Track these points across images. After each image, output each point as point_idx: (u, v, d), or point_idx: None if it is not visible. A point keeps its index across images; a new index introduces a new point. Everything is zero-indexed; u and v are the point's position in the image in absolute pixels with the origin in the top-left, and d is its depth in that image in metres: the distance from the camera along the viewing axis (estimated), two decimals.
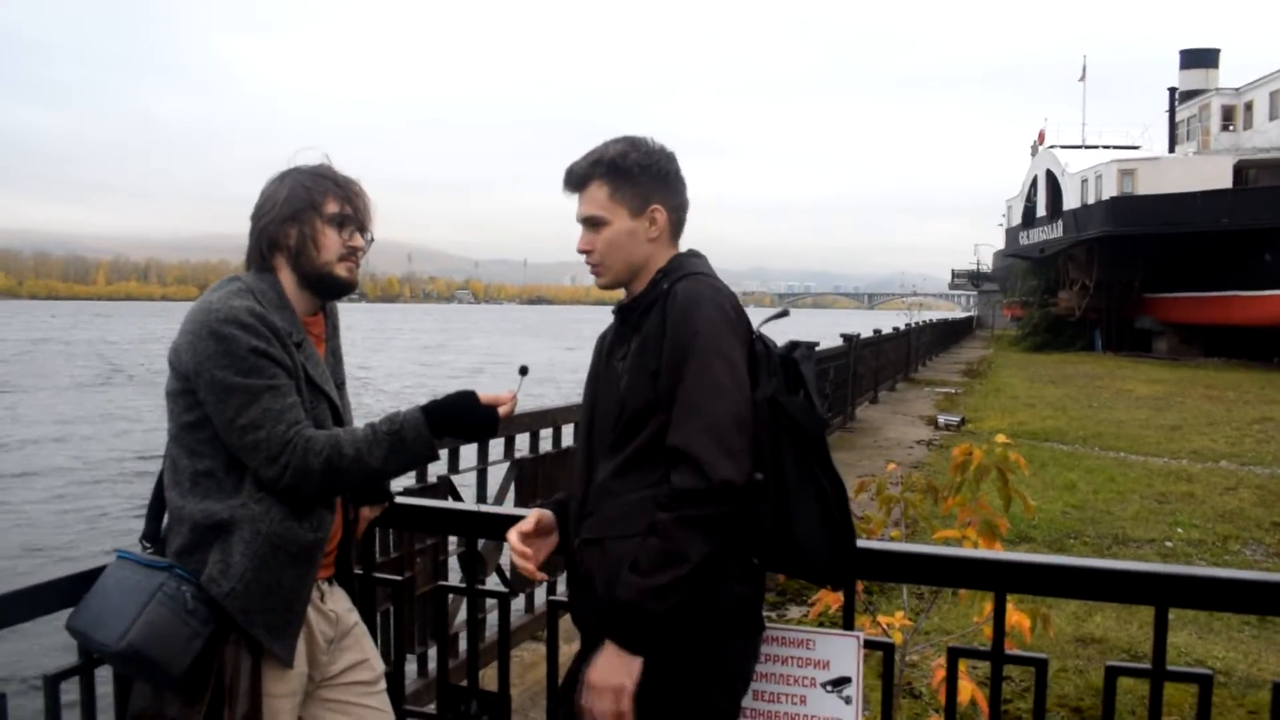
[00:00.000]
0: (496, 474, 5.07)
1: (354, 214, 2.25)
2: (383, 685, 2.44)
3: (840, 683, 2.20)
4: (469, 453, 4.72)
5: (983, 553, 2.41)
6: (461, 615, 4.11)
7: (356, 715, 2.35)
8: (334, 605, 2.33)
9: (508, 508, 4.15)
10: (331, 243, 2.21)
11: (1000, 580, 2.12)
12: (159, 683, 2.03)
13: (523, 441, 5.25)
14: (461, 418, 2.23)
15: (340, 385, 2.37)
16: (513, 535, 2.17)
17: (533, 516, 2.23)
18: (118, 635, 1.98)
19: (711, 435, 1.88)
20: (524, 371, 2.38)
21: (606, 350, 2.18)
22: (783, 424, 1.99)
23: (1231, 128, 38.44)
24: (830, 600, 3.02)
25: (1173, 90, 43.68)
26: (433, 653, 4.35)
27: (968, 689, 2.68)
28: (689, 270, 2.08)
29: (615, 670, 1.92)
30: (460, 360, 42.44)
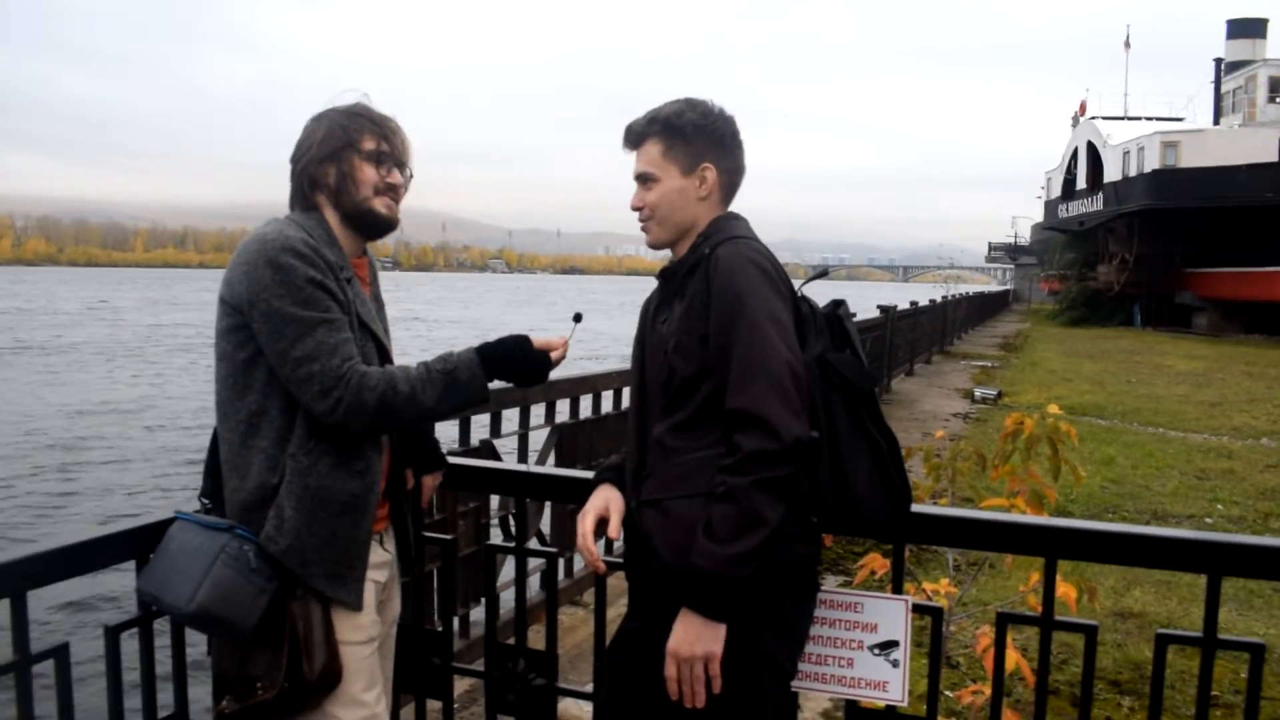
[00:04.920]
0: (537, 439, 5.11)
1: (391, 150, 2.23)
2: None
3: (888, 646, 2.21)
4: (511, 416, 4.76)
5: (1035, 519, 2.41)
6: (504, 576, 4.16)
7: (385, 652, 2.42)
8: (390, 547, 2.36)
9: (553, 468, 4.18)
10: (369, 178, 2.20)
11: (1052, 546, 2.12)
12: (233, 639, 2.07)
13: (563, 407, 5.29)
14: (515, 361, 2.21)
15: (385, 332, 2.35)
16: (587, 537, 2.16)
17: (594, 514, 2.18)
18: (186, 598, 2.01)
19: (777, 394, 1.88)
20: (578, 319, 2.38)
21: (651, 315, 2.20)
22: (833, 382, 2.00)
23: (1279, 100, 37.68)
24: (876, 566, 3.02)
25: (1219, 61, 42.81)
26: (474, 614, 4.41)
27: (1013, 657, 2.69)
28: (730, 234, 2.08)
29: (703, 639, 1.92)
30: (423, 331, 40.44)
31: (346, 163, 2.19)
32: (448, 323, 47.87)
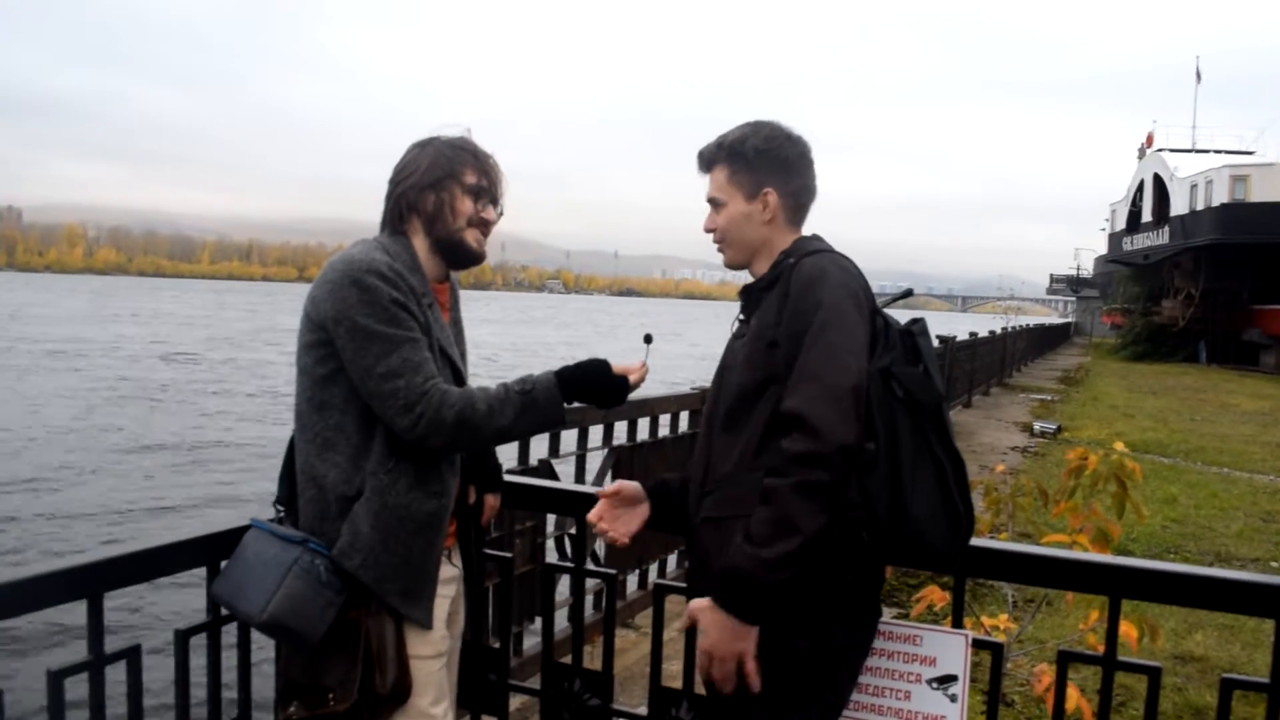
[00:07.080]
0: (594, 460, 5.14)
1: (489, 187, 2.30)
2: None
3: (946, 680, 2.19)
4: (569, 438, 4.79)
5: (1100, 557, 2.38)
6: (559, 595, 4.18)
7: (451, 664, 2.46)
8: (458, 562, 2.41)
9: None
10: (466, 210, 2.27)
11: (1117, 585, 2.10)
12: (300, 648, 2.13)
13: (621, 429, 5.32)
14: (593, 384, 2.25)
15: (462, 355, 2.40)
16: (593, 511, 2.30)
17: (613, 485, 2.32)
18: (259, 608, 2.07)
19: (828, 400, 1.85)
20: (649, 340, 2.43)
21: (733, 335, 2.21)
22: (897, 396, 1.94)
23: None
24: (935, 598, 3.00)
25: None
26: (528, 631, 4.44)
27: (1073, 697, 2.65)
28: (816, 248, 2.10)
29: (738, 638, 1.92)
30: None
31: (447, 192, 2.25)
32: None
